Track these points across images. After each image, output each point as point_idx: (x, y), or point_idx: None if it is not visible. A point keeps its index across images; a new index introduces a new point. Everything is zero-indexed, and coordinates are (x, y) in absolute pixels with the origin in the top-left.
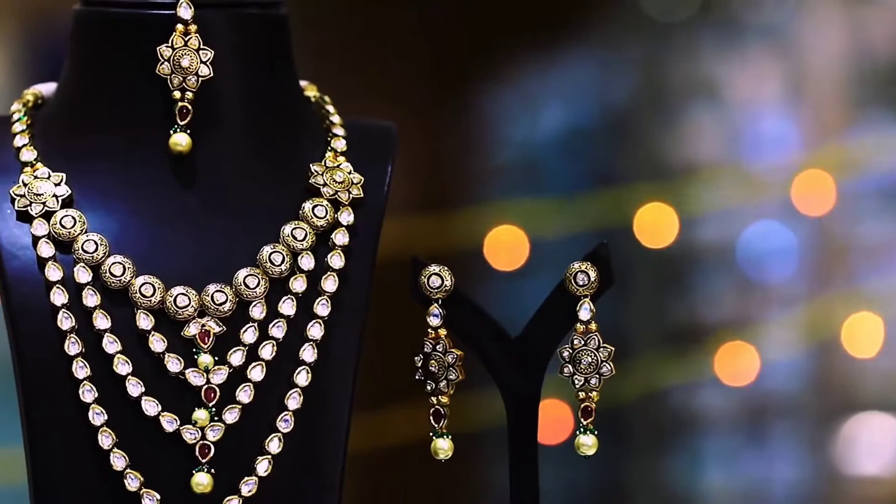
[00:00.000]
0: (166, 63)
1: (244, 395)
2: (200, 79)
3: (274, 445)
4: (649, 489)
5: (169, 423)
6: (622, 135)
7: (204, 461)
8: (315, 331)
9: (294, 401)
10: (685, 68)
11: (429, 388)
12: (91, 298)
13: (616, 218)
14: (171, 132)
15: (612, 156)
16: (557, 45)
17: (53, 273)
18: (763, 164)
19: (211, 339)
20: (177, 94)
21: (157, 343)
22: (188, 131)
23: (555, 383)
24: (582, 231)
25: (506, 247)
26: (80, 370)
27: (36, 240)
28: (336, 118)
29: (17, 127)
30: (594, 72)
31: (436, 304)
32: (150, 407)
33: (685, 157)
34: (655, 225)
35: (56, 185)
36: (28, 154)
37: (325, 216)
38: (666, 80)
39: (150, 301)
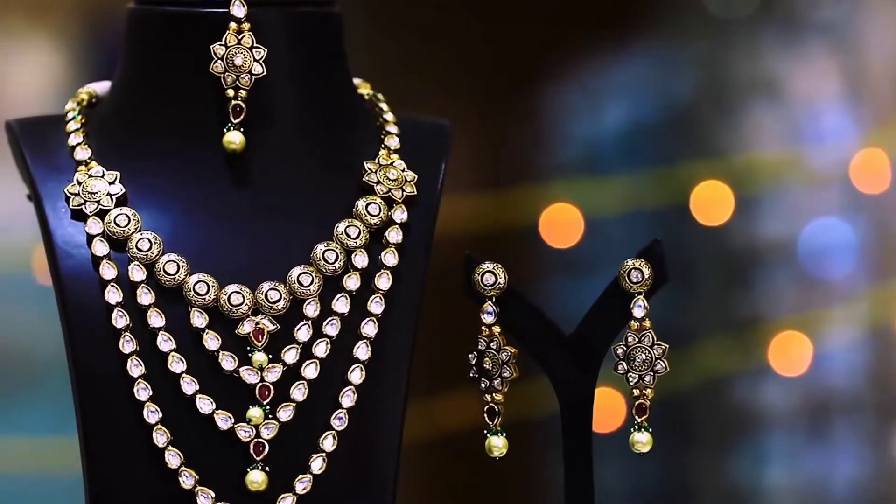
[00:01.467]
0: (220, 61)
1: (298, 392)
2: (254, 77)
3: (328, 443)
4: (712, 486)
5: (223, 420)
6: (684, 132)
7: (258, 459)
8: (369, 328)
9: (348, 398)
10: (746, 65)
11: (483, 385)
12: (145, 297)
13: (673, 197)
14: (225, 130)
15: (675, 153)
16: (621, 42)
17: (108, 271)
18: (823, 160)
19: (265, 337)
20: (230, 93)
21: (212, 341)
22: (241, 129)
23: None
24: (638, 210)
25: (561, 224)
26: (135, 368)
27: (90, 238)
28: (389, 116)
29: (71, 126)
30: (657, 69)
31: (489, 302)
32: (205, 405)
33: (747, 154)
34: (711, 204)
35: (110, 183)
36: (82, 153)
37: (378, 214)
38: (727, 77)
39: (205, 299)
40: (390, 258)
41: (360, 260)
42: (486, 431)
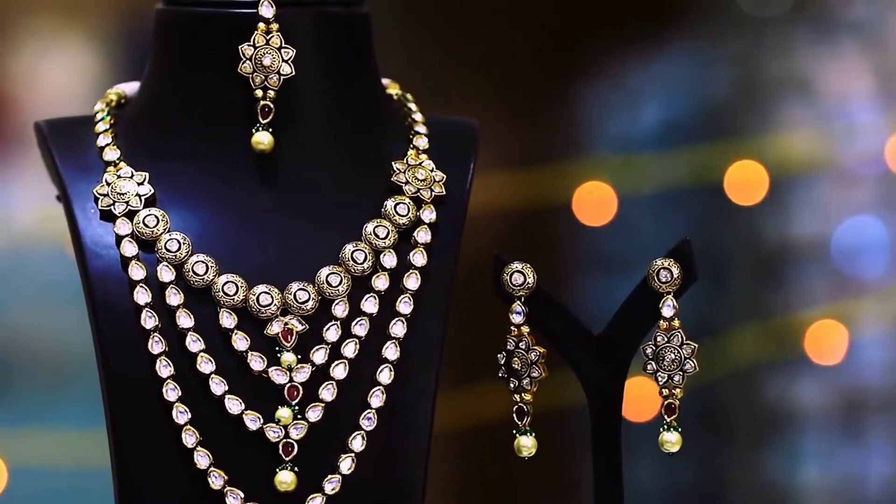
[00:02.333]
0: (248, 62)
1: (327, 393)
2: (282, 77)
3: (357, 443)
4: (745, 484)
5: (252, 421)
6: (718, 130)
7: (287, 459)
8: (398, 329)
9: (377, 399)
10: (779, 63)
11: (512, 385)
12: (174, 297)
13: (705, 175)
14: (253, 131)
15: (709, 152)
16: (655, 40)
17: (137, 272)
18: (855, 158)
19: (294, 338)
20: (258, 93)
21: (241, 341)
22: (270, 130)
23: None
24: (671, 188)
25: (594, 202)
26: (164, 369)
27: (119, 239)
28: (418, 116)
29: (100, 126)
30: (691, 67)
31: (518, 302)
32: (234, 405)
33: (781, 153)
34: (744, 182)
35: (139, 184)
36: (111, 153)
37: (407, 214)
38: (761, 76)
39: (233, 300)
40: (419, 258)
41: (389, 260)
42: (515, 431)
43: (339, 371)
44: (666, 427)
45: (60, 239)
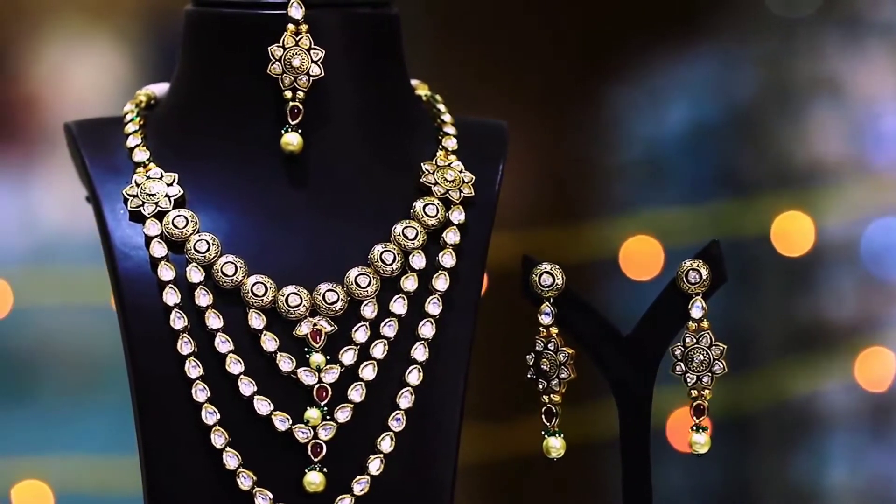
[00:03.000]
0: (277, 63)
1: (356, 394)
2: (311, 78)
3: (386, 444)
4: (774, 486)
5: (281, 422)
6: (746, 132)
7: (316, 460)
8: (426, 330)
9: (406, 400)
10: (808, 65)
11: (540, 386)
12: (203, 298)
13: (751, 227)
14: (283, 132)
15: (737, 153)
16: (683, 42)
17: (166, 273)
18: (885, 160)
19: (322, 339)
20: (288, 94)
21: (269, 342)
22: (299, 131)
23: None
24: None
25: (641, 256)
26: (193, 370)
27: (148, 240)
28: (447, 117)
29: (129, 127)
30: (719, 69)
31: (547, 303)
32: (263, 406)
33: (810, 155)
34: (792, 234)
35: (168, 185)
36: (141, 154)
37: (436, 215)
38: (789, 77)
39: (262, 300)
40: (448, 259)
41: (418, 261)
42: (543, 432)
43: (368, 372)
44: (695, 428)
45: (87, 239)
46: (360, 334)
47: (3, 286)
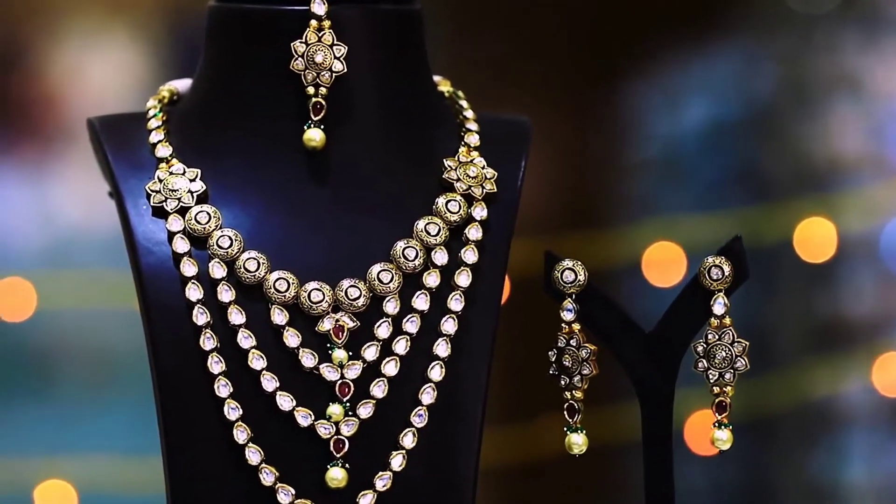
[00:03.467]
0: (300, 59)
1: (378, 389)
2: (334, 74)
3: (408, 440)
4: (793, 483)
5: (303, 417)
6: (765, 129)
7: (338, 456)
8: (448, 326)
9: (428, 396)
10: (827, 62)
11: (563, 383)
12: (226, 294)
13: (774, 232)
14: (305, 128)
15: (756, 150)
16: (702, 39)
17: (188, 269)
18: None
19: (345, 334)
20: (310, 90)
21: (292, 338)
22: (322, 127)
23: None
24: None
25: (663, 263)
26: (215, 365)
27: (171, 235)
28: (469, 113)
29: (152, 123)
30: (738, 66)
31: (569, 299)
32: (285, 402)
33: (829, 152)
34: (814, 240)
35: (191, 180)
36: (163, 150)
37: (458, 211)
38: (808, 74)
39: (285, 296)
40: (470, 255)
41: (440, 257)
42: (566, 429)
43: (391, 368)
44: (717, 425)
45: (105, 236)
46: (383, 330)
47: (26, 286)
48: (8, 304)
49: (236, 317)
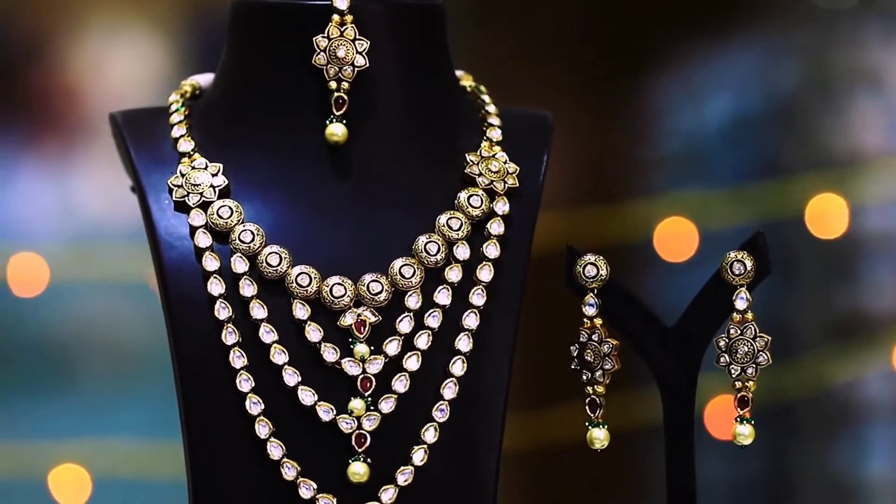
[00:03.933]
0: (322, 53)
1: (400, 384)
2: (356, 69)
3: (430, 435)
4: (814, 477)
5: (325, 412)
6: (787, 124)
7: (360, 451)
8: (470, 320)
9: (450, 390)
10: (849, 57)
11: (584, 377)
12: (248, 288)
13: (786, 209)
14: (328, 122)
15: (778, 145)
16: (724, 34)
17: (210, 263)
18: None
19: (367, 329)
20: (333, 85)
21: (314, 333)
22: (344, 121)
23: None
24: (751, 222)
25: (675, 238)
26: (237, 360)
27: (193, 230)
28: (491, 107)
29: (174, 118)
30: (760, 61)
31: (591, 294)
32: (307, 396)
33: (850, 146)
34: (826, 216)
35: (213, 175)
36: (185, 145)
37: (480, 206)
38: (830, 69)
39: (307, 291)
40: (492, 250)
41: (462, 252)
42: (587, 423)
43: (412, 362)
44: (739, 419)
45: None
46: (405, 325)
47: (45, 272)
48: (24, 285)
49: (258, 311)
